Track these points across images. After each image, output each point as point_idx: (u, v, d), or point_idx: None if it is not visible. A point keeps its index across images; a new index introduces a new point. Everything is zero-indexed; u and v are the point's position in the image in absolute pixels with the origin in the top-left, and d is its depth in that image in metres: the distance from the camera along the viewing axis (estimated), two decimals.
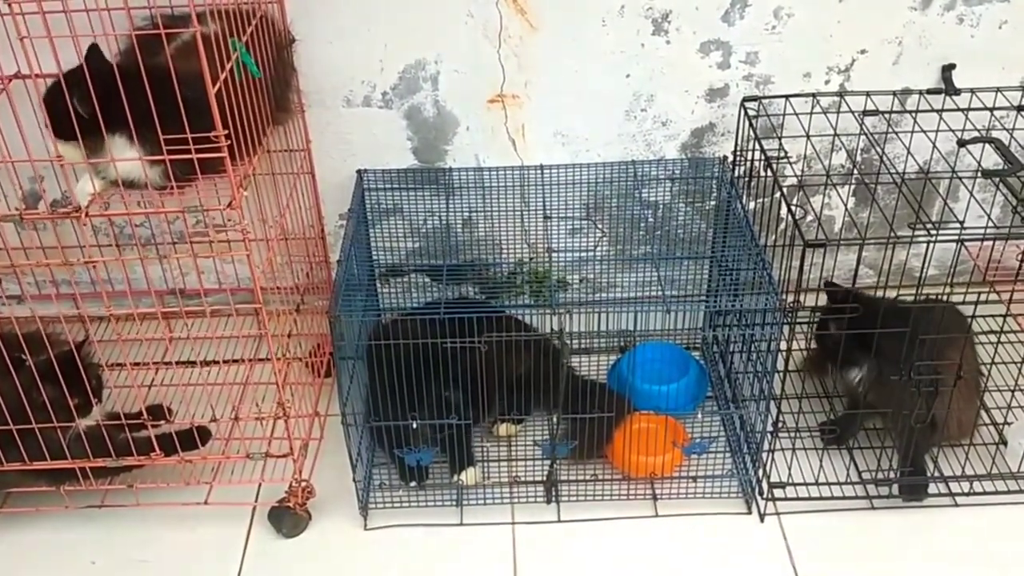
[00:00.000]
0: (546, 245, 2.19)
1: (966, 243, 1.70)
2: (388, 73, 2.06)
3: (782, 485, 1.86)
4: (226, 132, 1.43)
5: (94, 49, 1.49)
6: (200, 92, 1.38)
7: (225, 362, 2.09)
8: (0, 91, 1.70)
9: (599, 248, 2.28)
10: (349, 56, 2.03)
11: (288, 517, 1.85)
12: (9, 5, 1.33)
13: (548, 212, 2.10)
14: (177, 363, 1.86)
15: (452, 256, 2.29)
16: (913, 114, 1.95)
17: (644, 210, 2.24)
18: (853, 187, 2.25)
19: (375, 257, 2.25)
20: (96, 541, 1.86)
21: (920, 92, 2.04)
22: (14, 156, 1.59)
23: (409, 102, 2.10)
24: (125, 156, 1.51)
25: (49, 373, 1.66)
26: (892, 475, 1.85)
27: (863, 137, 2.00)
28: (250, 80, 1.64)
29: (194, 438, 1.85)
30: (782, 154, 1.85)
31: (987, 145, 1.86)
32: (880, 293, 1.87)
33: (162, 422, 1.92)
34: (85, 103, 1.44)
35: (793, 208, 1.71)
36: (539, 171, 2.13)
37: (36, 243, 2.11)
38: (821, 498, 1.86)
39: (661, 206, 2.25)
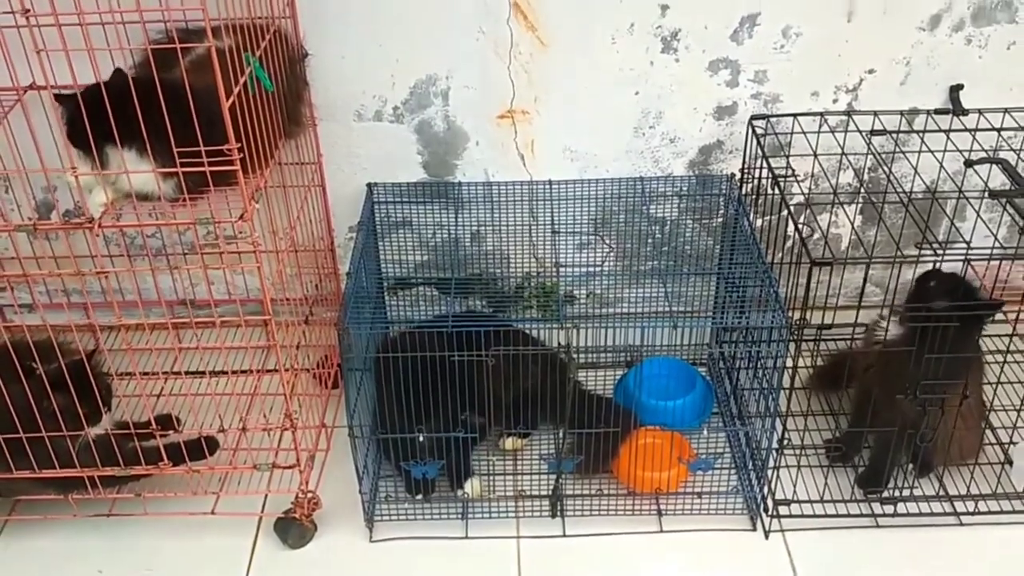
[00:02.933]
0: (554, 259, 2.20)
1: (973, 263, 1.71)
2: (399, 88, 2.08)
3: (787, 502, 1.86)
4: (239, 145, 1.44)
5: (118, 71, 1.53)
6: (214, 105, 1.40)
7: (233, 372, 2.10)
8: (15, 102, 1.72)
9: (607, 263, 2.29)
10: (361, 71, 2.05)
11: (294, 528, 1.85)
12: (27, 18, 1.35)
13: (556, 227, 2.12)
14: (186, 373, 1.87)
15: (460, 269, 2.30)
16: (920, 134, 1.96)
17: (652, 226, 2.24)
18: (860, 206, 2.25)
19: (384, 270, 2.26)
20: (104, 550, 1.87)
21: (928, 112, 2.04)
22: (28, 167, 1.60)
23: (420, 117, 2.12)
24: (139, 168, 1.52)
25: (59, 381, 1.67)
26: (898, 493, 1.85)
27: (870, 156, 2.00)
28: (263, 94, 1.66)
29: (202, 448, 1.85)
30: (789, 172, 1.86)
31: (994, 165, 1.87)
32: (885, 312, 1.87)
33: (170, 432, 1.93)
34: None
35: (800, 226, 1.72)
36: (548, 186, 2.14)
37: (48, 252, 2.13)
38: (826, 515, 1.86)
39: (669, 222, 2.26)
